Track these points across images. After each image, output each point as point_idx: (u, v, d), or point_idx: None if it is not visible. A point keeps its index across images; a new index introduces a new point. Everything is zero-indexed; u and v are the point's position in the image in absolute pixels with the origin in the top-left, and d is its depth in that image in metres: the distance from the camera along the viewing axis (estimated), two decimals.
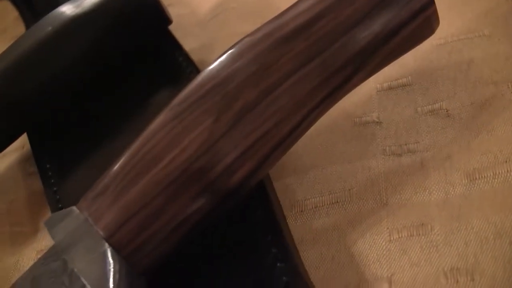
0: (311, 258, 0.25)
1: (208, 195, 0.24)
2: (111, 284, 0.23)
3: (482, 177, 0.24)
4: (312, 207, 0.26)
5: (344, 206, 0.26)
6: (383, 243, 0.24)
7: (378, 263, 0.23)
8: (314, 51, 0.24)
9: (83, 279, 0.23)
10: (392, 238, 0.24)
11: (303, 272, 0.23)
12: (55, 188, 0.32)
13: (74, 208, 0.25)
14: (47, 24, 0.34)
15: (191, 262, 0.25)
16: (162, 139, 0.24)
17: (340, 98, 0.25)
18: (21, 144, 0.38)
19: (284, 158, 0.25)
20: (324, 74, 0.24)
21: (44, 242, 0.33)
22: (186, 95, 0.25)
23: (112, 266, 0.23)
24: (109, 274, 0.23)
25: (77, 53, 0.35)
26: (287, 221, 0.26)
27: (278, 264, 0.23)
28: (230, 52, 0.25)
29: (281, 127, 0.24)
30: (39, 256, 0.29)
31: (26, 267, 0.28)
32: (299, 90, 0.24)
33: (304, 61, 0.24)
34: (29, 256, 0.32)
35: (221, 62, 0.25)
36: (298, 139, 0.25)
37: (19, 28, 0.45)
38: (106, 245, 0.23)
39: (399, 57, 0.26)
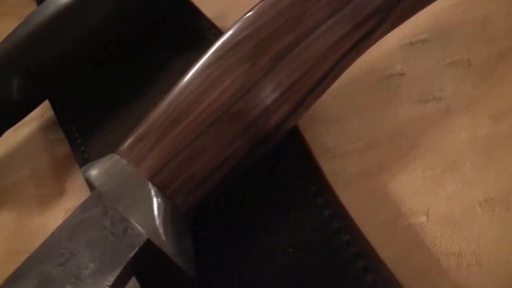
0: (346, 200, 0.26)
1: (247, 136, 0.24)
2: (157, 221, 0.23)
3: (506, 118, 0.26)
4: (343, 153, 0.27)
5: (374, 151, 0.27)
6: (417, 180, 0.25)
7: (413, 198, 0.24)
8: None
9: (129, 218, 0.24)
10: (425, 176, 0.25)
11: (342, 205, 0.24)
12: (82, 148, 0.33)
13: (113, 154, 0.26)
14: None
15: (229, 210, 0.26)
16: (201, 83, 0.25)
17: (369, 46, 0.26)
18: (41, 113, 0.39)
19: (312, 110, 0.26)
20: (355, 21, 0.25)
21: (72, 202, 0.33)
22: (221, 43, 0.26)
23: (157, 204, 0.24)
24: (155, 212, 0.23)
25: (97, 21, 0.35)
26: None
27: (319, 200, 0.24)
28: (263, 4, 0.26)
29: (315, 72, 0.25)
30: (67, 215, 0.30)
31: (54, 227, 0.28)
32: (332, 35, 0.25)
33: (337, 7, 0.25)
34: (57, 216, 0.33)
35: (254, 12, 0.26)
36: (330, 85, 0.26)
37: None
38: (150, 185, 0.24)
39: (421, 9, 0.27)
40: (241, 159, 0.25)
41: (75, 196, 0.33)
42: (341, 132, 0.28)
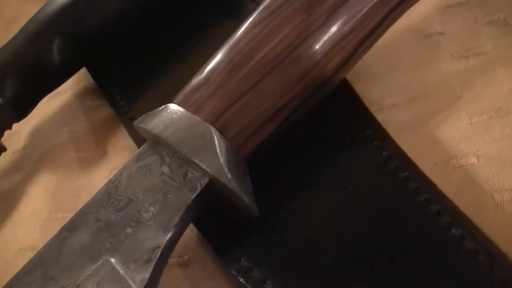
0: None
1: (304, 83, 0.25)
2: (221, 160, 0.24)
3: None
4: (390, 105, 0.28)
5: (421, 102, 0.28)
6: (465, 126, 0.26)
7: (462, 142, 0.26)
8: None
9: (193, 160, 0.24)
10: (472, 121, 0.26)
11: (398, 146, 0.25)
12: (126, 109, 0.34)
13: (168, 104, 0.27)
14: None
15: (287, 155, 0.26)
16: (259, 32, 0.26)
17: (411, 5, 0.27)
18: (76, 82, 0.39)
19: (357, 66, 0.27)
20: None
21: (115, 162, 0.34)
22: None
23: (219, 145, 0.24)
24: (218, 152, 0.24)
25: None
26: None
27: (375, 143, 0.25)
28: None
29: (367, 23, 0.26)
30: (112, 174, 0.30)
31: (98, 186, 0.29)
32: None
33: None
34: (101, 175, 0.33)
35: None
36: (380, 37, 0.27)
37: None
38: (212, 128, 0.25)
39: None
40: (299, 105, 0.26)
41: (118, 156, 0.34)
42: (386, 87, 0.29)
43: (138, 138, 0.31)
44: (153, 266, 0.23)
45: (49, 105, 0.39)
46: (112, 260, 0.24)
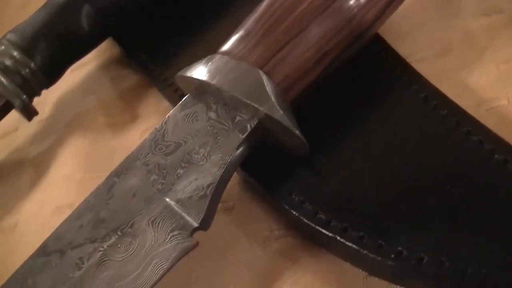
0: None
1: (346, 30, 0.27)
2: (273, 99, 0.25)
3: None
4: (419, 59, 0.30)
5: (448, 55, 0.29)
6: (493, 73, 0.28)
7: (492, 87, 0.27)
8: None
9: (243, 100, 0.25)
10: (499, 69, 0.28)
11: (435, 87, 0.27)
12: (158, 72, 0.34)
13: (212, 55, 0.28)
14: None
15: (329, 103, 0.28)
16: None
17: None
18: (98, 53, 0.40)
19: (386, 26, 0.29)
20: None
21: (147, 124, 0.34)
22: None
23: (269, 87, 0.25)
24: (269, 92, 0.25)
25: None
26: None
27: (414, 86, 0.26)
28: None
29: None
30: (144, 136, 0.31)
31: (132, 147, 0.30)
32: None
33: None
34: (133, 136, 0.34)
35: None
36: None
37: None
38: (260, 71, 0.26)
39: None
40: (339, 53, 0.27)
41: (149, 120, 0.35)
42: (414, 43, 0.31)
43: (173, 98, 0.32)
44: (208, 201, 0.24)
45: (72, 76, 0.39)
46: (166, 199, 0.25)
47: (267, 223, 0.27)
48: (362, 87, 0.28)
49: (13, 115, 0.35)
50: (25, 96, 0.34)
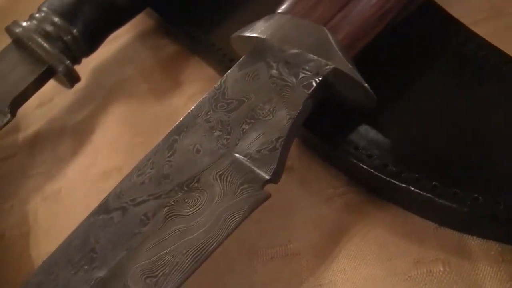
0: None
1: None
2: (340, 53, 0.25)
3: None
4: (472, 22, 0.30)
5: (499, 18, 0.30)
6: None
7: None
8: None
9: (312, 56, 0.25)
10: None
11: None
12: (202, 37, 0.34)
13: (272, 14, 0.28)
14: None
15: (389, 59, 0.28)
16: None
17: None
18: (133, 25, 0.40)
19: None
20: None
21: (193, 90, 0.34)
22: None
23: (334, 42, 0.25)
24: (335, 46, 0.25)
25: None
26: None
27: (468, 46, 0.27)
28: None
29: None
30: (191, 102, 0.31)
31: (178, 113, 0.30)
32: None
33: None
34: (179, 102, 0.34)
35: None
36: None
37: None
38: (324, 28, 0.26)
39: None
40: (399, 12, 0.27)
41: (194, 86, 0.34)
42: (464, 8, 0.31)
43: (222, 63, 0.32)
44: (279, 154, 0.24)
45: (108, 48, 0.39)
46: (233, 154, 0.25)
47: (329, 181, 0.27)
48: (420, 44, 0.28)
49: (49, 85, 0.35)
50: (68, 61, 0.34)
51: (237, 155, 0.25)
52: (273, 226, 0.26)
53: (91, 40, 0.35)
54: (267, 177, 0.24)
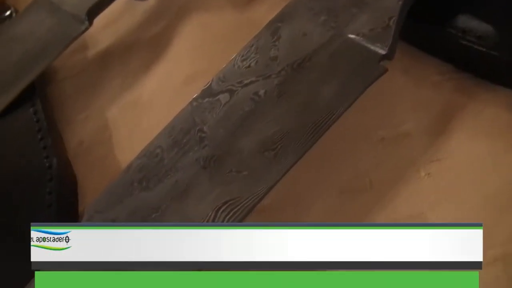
0: None
1: None
2: None
3: None
4: None
5: None
6: None
7: None
8: None
9: None
10: None
11: None
12: None
13: None
14: None
15: None
16: None
17: None
18: None
19: None
20: None
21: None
22: None
23: None
24: None
25: None
26: None
27: None
28: None
29: None
30: (272, 10, 0.31)
31: (260, 20, 0.29)
32: None
33: None
34: (258, 10, 0.33)
35: None
36: None
37: None
38: None
39: None
40: None
41: None
42: None
43: None
44: (393, 31, 0.24)
45: None
46: (344, 34, 0.25)
47: (434, 69, 0.26)
48: None
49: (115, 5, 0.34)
50: None
51: (349, 35, 0.25)
52: (382, 112, 0.26)
53: None
54: (383, 52, 0.24)
